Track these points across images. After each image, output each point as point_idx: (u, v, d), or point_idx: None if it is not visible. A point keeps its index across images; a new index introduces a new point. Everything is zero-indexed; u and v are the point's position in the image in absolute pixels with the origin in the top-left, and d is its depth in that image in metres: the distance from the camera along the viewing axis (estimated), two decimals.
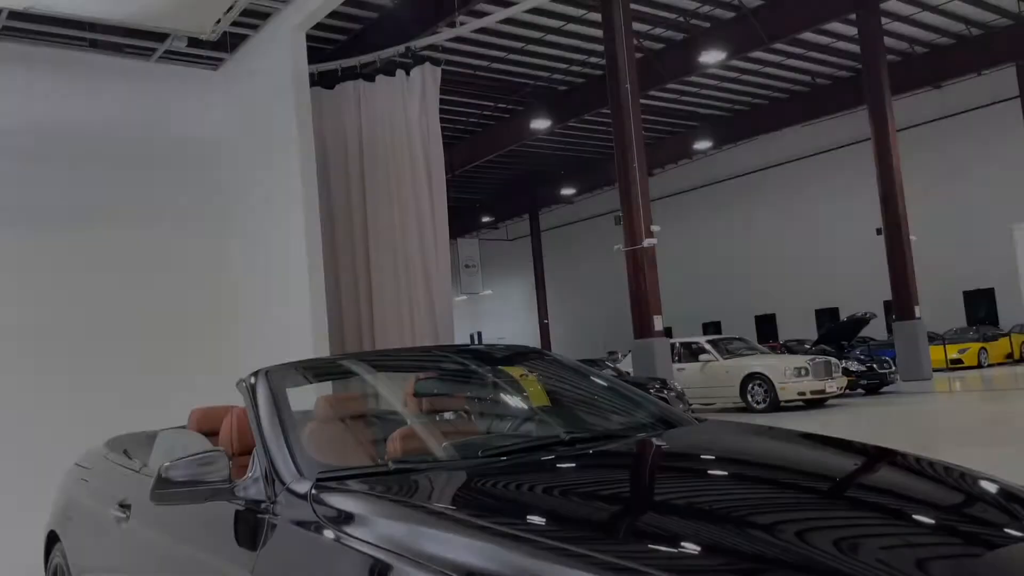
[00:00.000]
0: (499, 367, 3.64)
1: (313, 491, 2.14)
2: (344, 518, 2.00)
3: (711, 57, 20.30)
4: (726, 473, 2.35)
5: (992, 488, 2.10)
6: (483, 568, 1.63)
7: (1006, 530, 1.85)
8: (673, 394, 11.62)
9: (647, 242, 15.13)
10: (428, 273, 7.30)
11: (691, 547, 1.71)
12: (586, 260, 37.20)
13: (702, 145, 28.87)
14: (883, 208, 19.29)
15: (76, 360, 5.91)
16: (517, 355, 3.62)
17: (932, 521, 1.92)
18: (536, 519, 1.96)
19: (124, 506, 2.98)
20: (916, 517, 1.95)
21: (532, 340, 35.22)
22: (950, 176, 26.34)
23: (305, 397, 2.88)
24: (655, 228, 15.35)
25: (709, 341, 16.49)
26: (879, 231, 19.64)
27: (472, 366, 3.53)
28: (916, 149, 25.36)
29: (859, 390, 16.77)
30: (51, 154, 6.08)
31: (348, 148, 7.54)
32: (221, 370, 5.58)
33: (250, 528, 2.20)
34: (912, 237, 19.22)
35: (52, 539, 3.74)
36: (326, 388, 3.51)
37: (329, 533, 1.97)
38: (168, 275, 6.43)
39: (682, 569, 1.58)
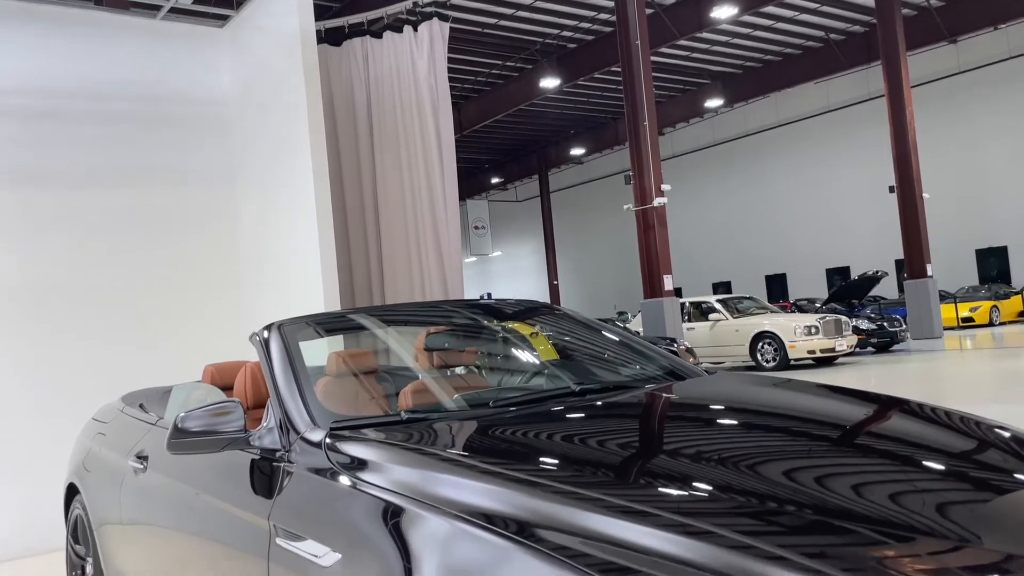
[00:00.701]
0: (509, 325, 3.65)
1: (327, 440, 2.17)
2: (358, 465, 2.03)
3: (723, 12, 19.99)
4: (736, 421, 2.36)
5: (1005, 435, 2.11)
6: (496, 510, 1.65)
7: (1017, 476, 1.86)
8: (683, 347, 11.63)
9: (657, 201, 15.06)
10: (438, 233, 7.29)
11: (702, 491, 1.73)
12: (596, 221, 37.09)
13: (713, 103, 28.57)
14: (896, 165, 19.11)
15: (86, 319, 5.96)
16: (528, 310, 3.63)
17: (943, 467, 1.93)
18: (548, 465, 1.98)
19: (141, 457, 3.03)
20: (927, 463, 1.96)
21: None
22: (964, 133, 26.02)
23: (317, 353, 2.90)
24: (665, 187, 15.26)
25: (719, 300, 16.48)
26: (892, 189, 19.47)
27: (482, 321, 3.54)
28: (930, 105, 25.05)
29: (869, 349, 16.78)
30: (56, 114, 6.06)
31: (356, 106, 7.49)
32: (232, 328, 5.64)
33: (266, 476, 2.23)
34: (925, 195, 19.05)
35: (71, 491, 3.81)
36: (337, 342, 3.54)
37: (343, 479, 2.00)
38: (177, 234, 6.44)
39: (693, 512, 1.60)
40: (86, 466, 3.64)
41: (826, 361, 14.83)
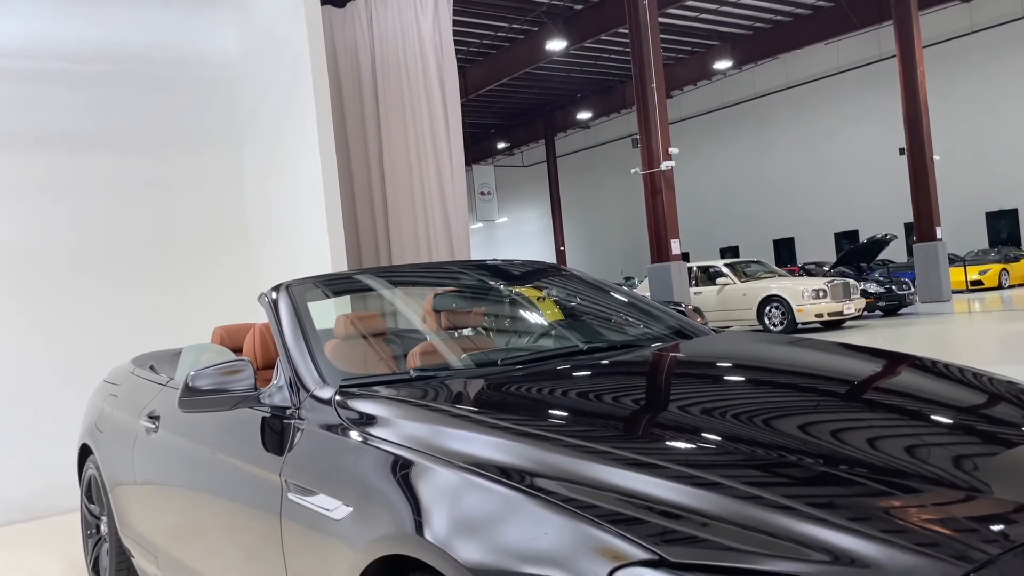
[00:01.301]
0: (516, 288, 3.65)
1: (337, 397, 2.18)
2: (368, 420, 2.05)
3: None
4: (744, 377, 2.37)
5: (1016, 389, 2.11)
6: (505, 462, 1.67)
7: None
8: (691, 307, 11.64)
9: (665, 165, 14.97)
10: (445, 198, 7.26)
11: (710, 443, 1.74)
12: (603, 186, 36.92)
13: (722, 65, 28.21)
14: (907, 127, 18.90)
15: (95, 283, 5.99)
16: (536, 271, 3.63)
17: (953, 421, 1.93)
18: (556, 419, 2.00)
19: (153, 417, 3.06)
20: (937, 417, 1.96)
21: None
22: (976, 93, 25.70)
23: (325, 317, 2.90)
24: (673, 151, 15.15)
25: (726, 264, 16.44)
26: (902, 151, 19.28)
27: (490, 282, 3.54)
28: (942, 66, 24.71)
29: (877, 312, 16.75)
30: (59, 76, 6.03)
31: (361, 68, 7.43)
32: (241, 291, 5.65)
33: (276, 434, 2.25)
34: (935, 157, 18.87)
35: (85, 452, 3.86)
36: (345, 303, 3.55)
37: (354, 434, 2.01)
38: (184, 197, 6.44)
39: (701, 464, 1.61)
40: (98, 427, 3.67)
41: (834, 325, 14.82)
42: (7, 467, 5.55)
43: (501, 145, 38.81)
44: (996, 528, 1.39)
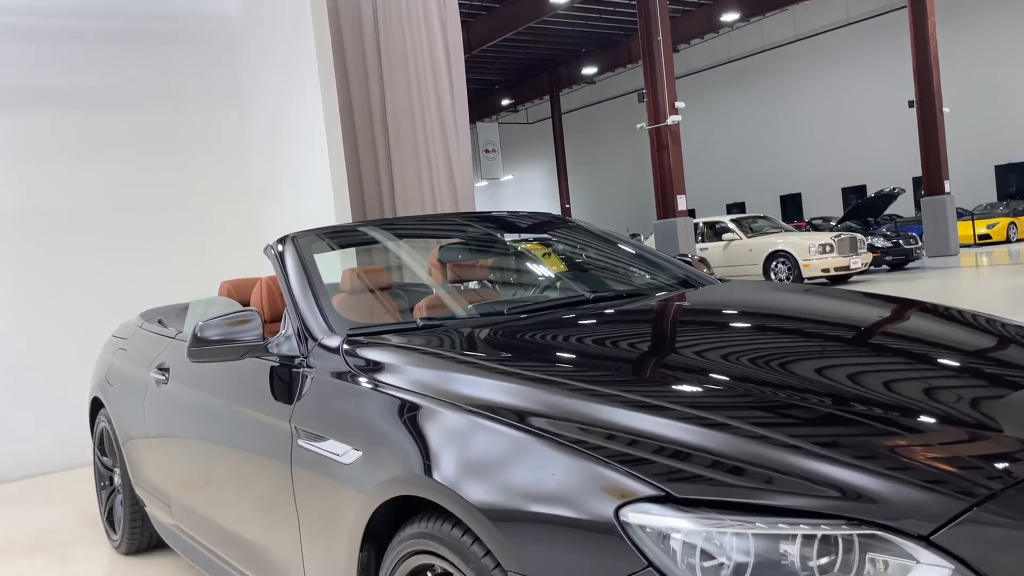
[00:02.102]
0: (522, 240, 3.64)
1: (345, 345, 2.19)
2: (375, 367, 2.06)
3: None
4: (750, 324, 2.37)
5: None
6: (513, 405, 1.68)
7: None
8: (697, 257, 11.62)
9: (671, 119, 14.83)
10: (449, 155, 7.20)
11: (716, 386, 1.74)
12: (608, 142, 36.65)
13: (729, 17, 27.74)
14: (916, 79, 18.65)
15: (101, 241, 6.01)
16: (541, 223, 3.61)
17: (961, 363, 1.93)
18: (563, 364, 2.01)
19: (163, 369, 3.08)
20: (943, 360, 1.96)
21: None
22: (987, 45, 25.28)
23: (330, 272, 2.90)
24: (679, 105, 15.00)
25: (733, 220, 16.37)
26: (911, 104, 19.06)
27: (496, 234, 3.53)
28: (952, 17, 24.26)
29: (884, 266, 16.71)
30: (59, 34, 5.98)
31: (363, 22, 7.31)
32: (248, 246, 5.66)
33: (285, 383, 2.27)
34: (945, 109, 18.65)
35: (96, 405, 3.90)
36: (350, 255, 3.55)
37: (362, 380, 2.03)
38: (187, 154, 6.42)
39: (708, 405, 1.61)
40: (109, 380, 3.71)
41: (840, 279, 14.79)
42: (21, 424, 5.63)
43: (505, 102, 38.43)
44: (1000, 465, 1.41)
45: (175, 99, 6.40)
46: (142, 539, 3.65)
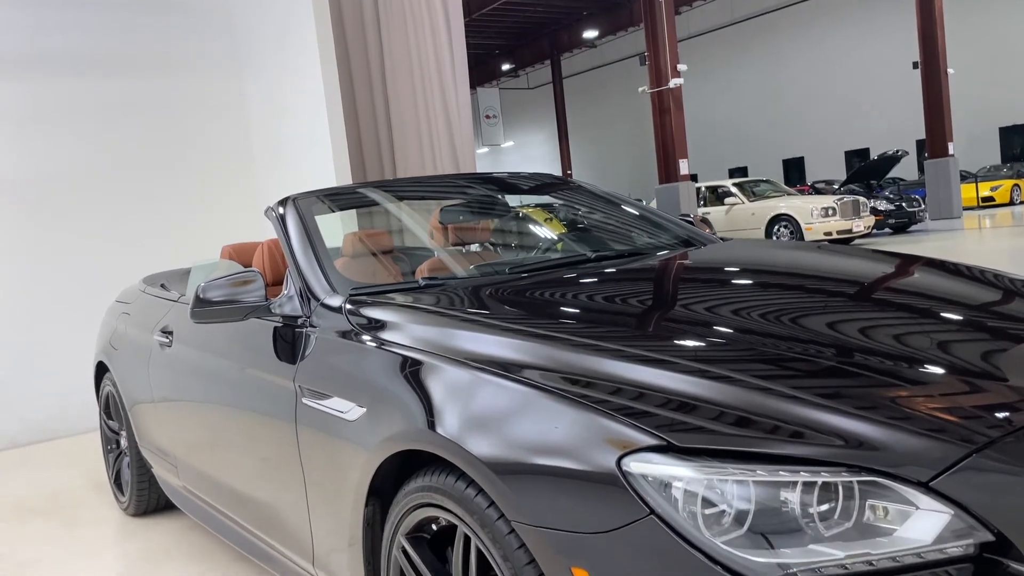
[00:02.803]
0: (524, 203, 3.63)
1: (347, 305, 2.20)
2: (378, 325, 2.06)
3: None
4: (752, 280, 2.37)
5: None
6: (516, 359, 1.68)
7: None
8: (699, 217, 11.58)
9: (673, 82, 14.71)
10: (450, 121, 7.14)
11: (718, 341, 1.74)
12: (610, 107, 36.36)
13: None
14: (921, 40, 18.44)
15: (103, 208, 6.02)
16: (543, 185, 3.60)
17: (961, 316, 1.93)
18: (566, 321, 2.01)
19: (167, 332, 3.10)
20: (945, 313, 1.96)
21: None
22: (992, 4, 24.94)
23: (332, 236, 2.89)
24: (681, 67, 14.87)
25: (735, 184, 16.30)
26: (915, 65, 18.87)
27: (497, 195, 3.52)
28: None
29: (886, 229, 16.67)
30: (57, 1, 5.92)
31: None
32: (246, 213, 5.66)
33: (288, 343, 2.27)
34: (950, 70, 18.47)
35: (101, 370, 3.92)
36: (351, 219, 3.54)
37: (365, 338, 2.03)
38: (187, 120, 6.39)
39: (710, 359, 1.62)
40: (113, 344, 3.72)
41: (843, 243, 14.76)
42: (26, 391, 5.67)
43: (506, 67, 38.06)
44: (1001, 414, 1.41)
45: (174, 67, 6.37)
46: (150, 501, 3.70)
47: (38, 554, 3.47)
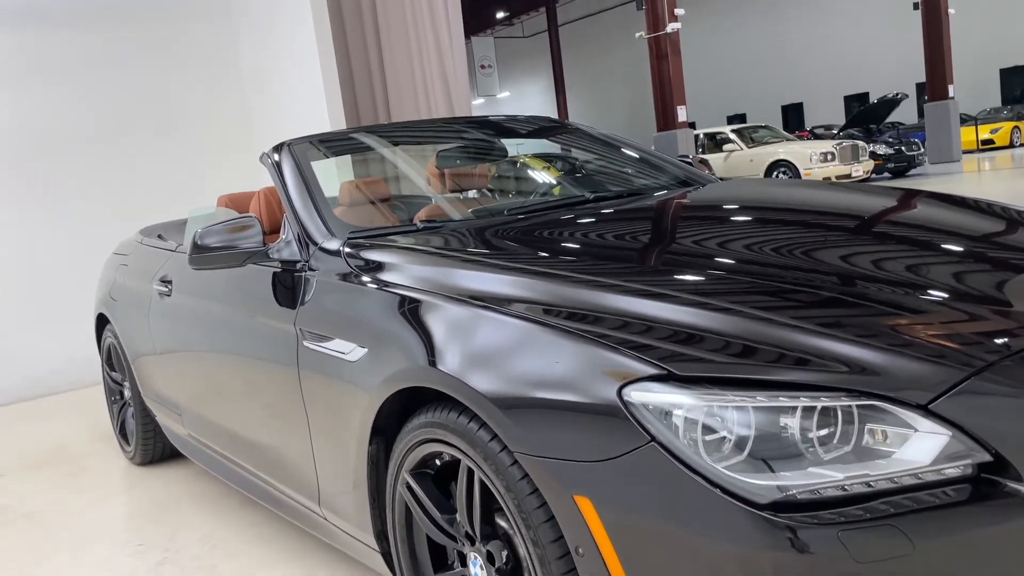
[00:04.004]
0: (522, 147, 3.60)
1: (346, 249, 2.19)
2: (377, 267, 2.06)
3: None
4: (752, 216, 2.36)
5: None
6: (517, 296, 1.68)
7: None
8: (698, 158, 11.50)
9: (671, 27, 14.48)
10: (445, 72, 7.03)
11: (719, 274, 1.74)
12: (607, 55, 35.88)
13: None
14: None
15: (97, 161, 5.99)
16: (542, 128, 3.56)
17: (962, 248, 1.93)
18: (566, 258, 2.00)
19: (166, 281, 3.09)
20: (947, 245, 1.96)
21: None
22: None
23: (328, 185, 2.87)
24: (679, 11, 14.62)
25: (733, 130, 16.16)
26: (916, 6, 18.56)
27: (494, 139, 3.48)
28: None
29: (886, 174, 16.59)
30: None
31: None
32: (241, 163, 5.61)
33: (287, 288, 2.27)
34: (950, 11, 18.18)
35: (102, 322, 3.93)
36: (347, 165, 3.51)
37: (365, 279, 2.03)
38: (179, 70, 6.32)
39: (711, 292, 1.62)
40: (112, 296, 3.72)
41: None
42: (29, 345, 5.70)
43: (500, 15, 37.41)
44: (1000, 340, 1.41)
45: (165, 17, 6.27)
46: (155, 450, 3.73)
47: (45, 504, 3.52)
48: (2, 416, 5.38)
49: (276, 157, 2.71)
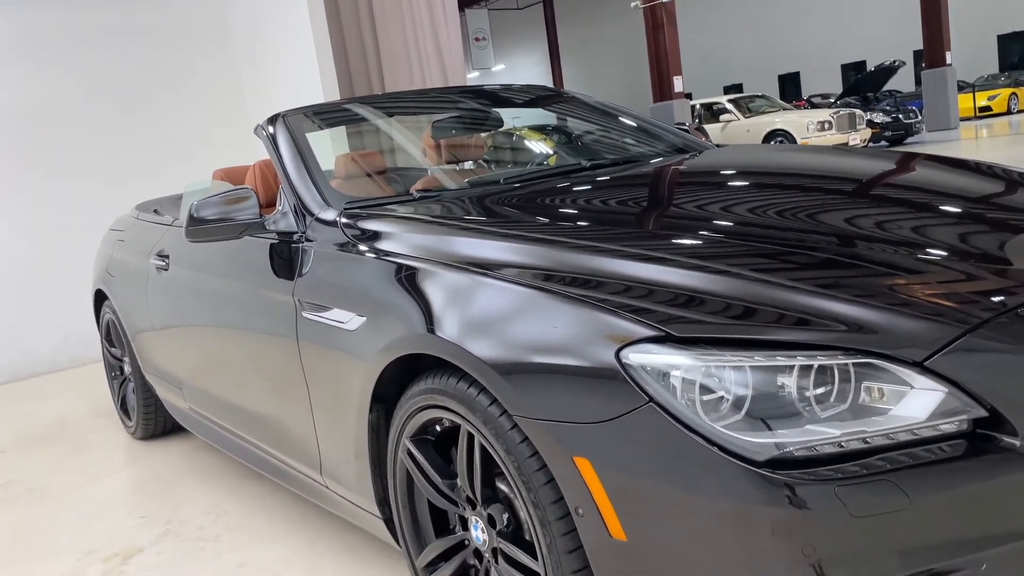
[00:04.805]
0: (518, 117, 3.58)
1: (343, 219, 2.19)
2: (374, 236, 2.06)
3: None
4: (749, 181, 2.35)
5: None
6: (514, 262, 1.68)
7: None
8: (695, 126, 11.46)
9: None
10: (440, 45, 6.96)
11: (716, 238, 1.74)
12: (602, 26, 35.55)
13: None
14: None
15: (91, 140, 5.96)
16: (537, 98, 3.54)
17: (960, 209, 1.92)
18: (563, 224, 2.00)
19: (163, 256, 3.09)
20: (945, 206, 1.95)
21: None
22: None
23: (324, 159, 2.86)
24: None
25: (730, 100, 16.07)
26: None
27: (490, 109, 3.46)
28: None
29: (883, 142, 16.53)
30: None
31: None
32: (235, 138, 5.59)
33: (285, 259, 2.27)
34: None
35: (100, 298, 3.93)
36: (341, 134, 3.49)
37: (362, 248, 2.03)
38: (169, 48, 6.27)
39: (709, 255, 1.62)
40: (110, 271, 3.72)
41: None
42: (28, 323, 5.71)
43: None
44: (996, 298, 1.42)
45: None
46: (156, 424, 3.75)
47: (48, 479, 3.54)
48: (2, 394, 5.39)
49: (271, 129, 2.70)
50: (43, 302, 5.73)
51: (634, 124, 3.18)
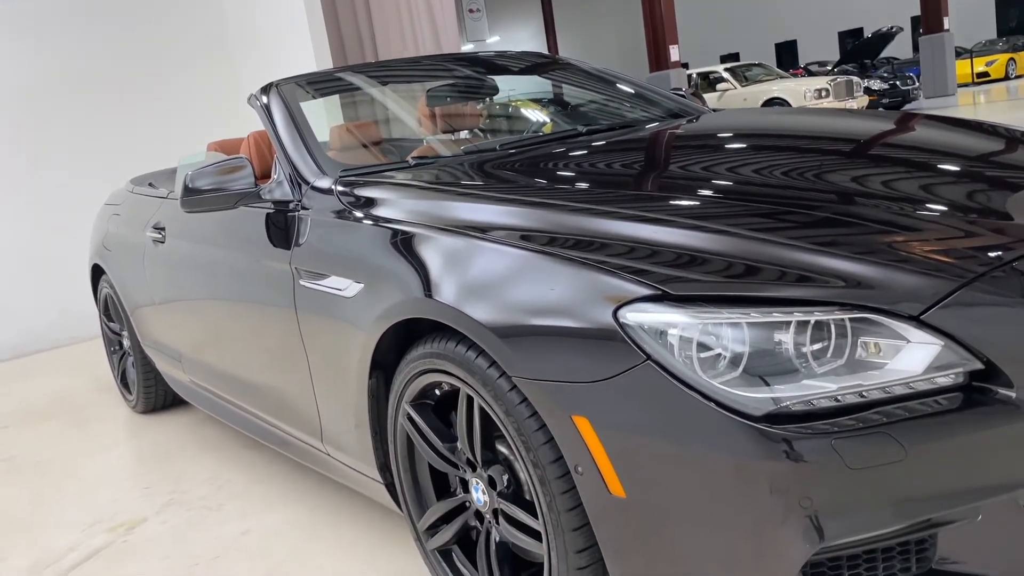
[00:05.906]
0: (514, 86, 3.54)
1: (338, 187, 2.18)
2: (370, 203, 2.05)
3: None
4: (747, 144, 2.35)
5: None
6: (511, 225, 1.68)
7: None
8: (690, 91, 11.39)
9: None
10: (433, 17, 6.90)
11: (715, 199, 1.73)
12: None
13: None
14: None
15: (84, 112, 5.94)
16: (533, 65, 3.52)
17: (959, 167, 1.92)
18: (560, 187, 2.00)
19: (159, 228, 3.08)
20: (943, 165, 1.95)
21: None
22: None
23: (318, 131, 2.84)
24: None
25: (727, 69, 15.97)
26: None
27: (485, 77, 3.44)
28: None
29: (880, 109, 16.45)
30: None
31: None
32: (228, 109, 5.56)
33: (281, 228, 2.26)
34: None
35: (97, 273, 3.92)
36: (335, 103, 3.46)
37: (358, 214, 2.02)
38: (157, 20, 6.22)
39: (708, 215, 1.61)
40: (106, 245, 3.71)
41: None
42: (27, 300, 5.71)
43: None
44: (993, 253, 1.42)
45: None
46: (157, 397, 3.77)
47: (51, 453, 3.56)
48: (2, 371, 5.41)
49: (264, 99, 2.68)
50: (41, 279, 5.73)
51: (631, 90, 3.16)
